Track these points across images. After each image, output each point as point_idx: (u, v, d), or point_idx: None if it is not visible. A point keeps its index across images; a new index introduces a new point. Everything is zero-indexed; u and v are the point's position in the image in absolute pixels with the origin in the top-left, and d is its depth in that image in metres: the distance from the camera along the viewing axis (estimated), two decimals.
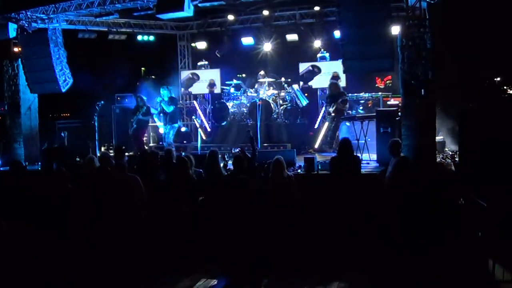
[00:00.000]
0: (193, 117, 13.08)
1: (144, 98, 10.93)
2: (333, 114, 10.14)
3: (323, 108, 11.69)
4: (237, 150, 8.70)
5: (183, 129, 12.85)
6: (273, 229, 5.89)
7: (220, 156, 7.50)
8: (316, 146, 10.69)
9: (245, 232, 5.82)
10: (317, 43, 12.45)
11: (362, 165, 8.22)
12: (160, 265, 6.09)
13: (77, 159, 9.14)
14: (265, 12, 12.23)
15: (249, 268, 5.85)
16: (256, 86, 12.17)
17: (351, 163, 6.58)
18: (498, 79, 15.99)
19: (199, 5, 9.45)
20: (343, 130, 10.20)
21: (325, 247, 6.26)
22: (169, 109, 10.31)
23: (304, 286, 5.59)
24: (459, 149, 7.71)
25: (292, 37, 12.48)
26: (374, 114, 9.16)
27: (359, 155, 8.57)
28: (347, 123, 10.10)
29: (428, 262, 5.73)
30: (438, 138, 9.11)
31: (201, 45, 13.76)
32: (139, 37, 13.66)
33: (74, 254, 6.46)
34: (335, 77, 11.38)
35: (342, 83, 11.65)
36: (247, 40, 12.92)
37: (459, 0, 10.40)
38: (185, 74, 13.88)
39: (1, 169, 10.34)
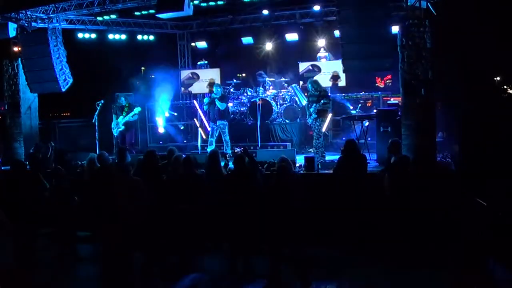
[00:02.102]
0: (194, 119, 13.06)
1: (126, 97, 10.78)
2: (315, 116, 8.99)
3: None
4: (240, 149, 8.66)
5: (182, 127, 12.87)
6: (275, 228, 5.89)
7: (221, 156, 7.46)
8: None
9: (246, 231, 5.83)
10: (321, 42, 12.46)
11: None
12: (160, 265, 6.09)
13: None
14: (265, 12, 12.24)
15: (250, 267, 5.86)
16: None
17: (357, 164, 6.54)
18: (498, 79, 15.99)
19: (199, 4, 9.44)
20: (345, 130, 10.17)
21: (325, 246, 6.27)
22: (222, 106, 9.80)
23: (305, 285, 5.60)
24: (459, 149, 7.71)
25: (292, 36, 12.49)
26: (374, 113, 9.17)
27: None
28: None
29: (428, 262, 5.74)
30: (438, 138, 9.11)
31: (201, 44, 13.75)
32: (139, 37, 13.67)
33: (75, 254, 6.49)
34: (335, 76, 11.41)
35: (342, 82, 11.68)
36: (247, 40, 12.92)
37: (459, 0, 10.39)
38: (185, 73, 13.87)
39: (3, 168, 10.33)
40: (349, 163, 6.53)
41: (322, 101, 8.85)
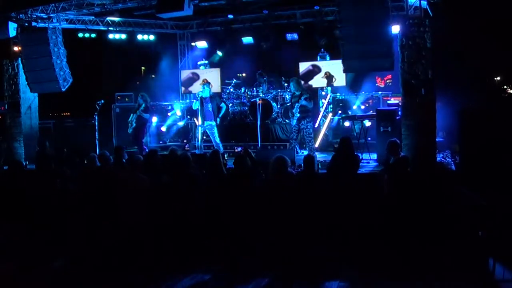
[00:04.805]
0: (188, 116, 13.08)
1: (145, 95, 10.73)
2: (298, 115, 9.30)
3: (323, 108, 11.72)
4: (240, 149, 8.67)
5: (180, 123, 12.89)
6: (274, 228, 5.88)
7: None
8: (316, 145, 10.71)
9: (246, 231, 5.83)
10: (322, 42, 12.46)
11: (361, 164, 8.26)
12: (160, 265, 6.09)
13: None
14: (265, 12, 12.23)
15: (250, 267, 5.86)
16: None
17: (348, 163, 6.53)
18: (498, 79, 15.99)
19: (199, 4, 9.42)
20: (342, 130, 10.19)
21: (325, 247, 6.26)
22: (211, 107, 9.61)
23: (304, 286, 5.59)
24: (459, 149, 7.71)
25: (292, 36, 12.49)
26: (374, 113, 9.17)
27: (358, 154, 8.60)
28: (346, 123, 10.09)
29: (428, 262, 5.73)
30: (438, 138, 9.11)
31: (201, 44, 13.75)
32: (139, 37, 13.67)
33: (75, 254, 6.48)
34: (328, 76, 11.50)
35: (342, 82, 11.68)
36: (247, 40, 12.92)
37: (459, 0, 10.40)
38: (185, 73, 13.87)
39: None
40: (342, 161, 6.53)
41: (303, 96, 9.05)
